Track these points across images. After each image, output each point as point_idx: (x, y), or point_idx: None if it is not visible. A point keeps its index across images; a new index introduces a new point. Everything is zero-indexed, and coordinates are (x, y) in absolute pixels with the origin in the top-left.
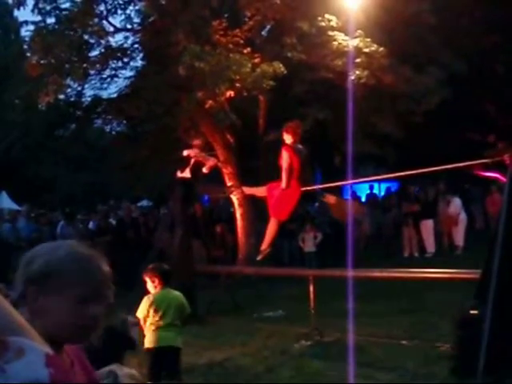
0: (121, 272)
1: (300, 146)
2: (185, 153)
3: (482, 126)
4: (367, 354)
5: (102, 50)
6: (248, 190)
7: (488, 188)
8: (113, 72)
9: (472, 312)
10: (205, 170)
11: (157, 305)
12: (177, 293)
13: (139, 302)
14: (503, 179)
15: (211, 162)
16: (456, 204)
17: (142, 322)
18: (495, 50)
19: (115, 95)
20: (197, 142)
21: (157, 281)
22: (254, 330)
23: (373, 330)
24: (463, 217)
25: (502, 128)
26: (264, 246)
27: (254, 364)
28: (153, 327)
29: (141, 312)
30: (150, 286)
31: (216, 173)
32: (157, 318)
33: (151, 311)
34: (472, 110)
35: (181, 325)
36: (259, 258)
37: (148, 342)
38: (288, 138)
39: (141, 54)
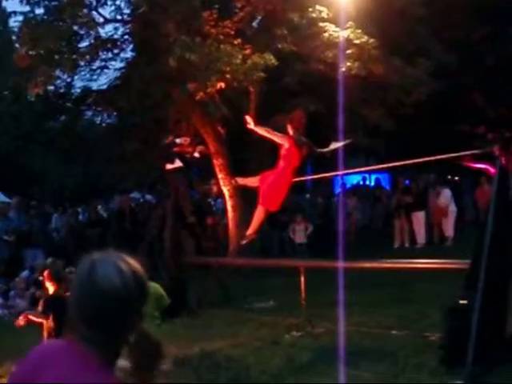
0: None
1: (303, 139)
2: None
3: (471, 117)
4: (357, 345)
5: (92, 41)
6: (241, 181)
7: (478, 180)
8: (103, 63)
9: (461, 302)
10: (196, 154)
11: None
12: (154, 284)
13: None
14: (492, 170)
15: (199, 148)
16: (446, 195)
17: None
18: (485, 42)
19: (105, 87)
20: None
21: None
22: (245, 321)
23: (363, 320)
24: (453, 208)
25: (492, 119)
26: (250, 231)
27: (245, 355)
28: None
29: None
30: None
31: (207, 164)
32: None
33: None
34: (462, 102)
35: (160, 316)
36: (244, 241)
37: None
38: (291, 129)
39: (131, 45)
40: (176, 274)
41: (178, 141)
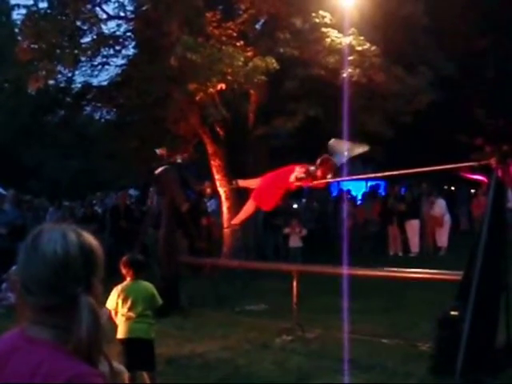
0: (108, 259)
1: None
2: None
3: (470, 128)
4: (347, 351)
5: (94, 37)
6: (242, 182)
7: (474, 191)
8: (104, 59)
9: (452, 313)
10: (178, 159)
11: (124, 296)
12: (146, 283)
13: None
14: (489, 182)
15: (180, 156)
16: (440, 205)
17: (112, 313)
18: (486, 54)
19: (106, 83)
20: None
21: (129, 272)
22: (236, 323)
23: (354, 327)
24: (447, 218)
25: (490, 131)
26: (236, 220)
27: (235, 357)
28: (123, 318)
29: (110, 303)
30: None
31: (204, 165)
32: (125, 309)
33: (119, 302)
34: (461, 112)
35: (153, 316)
36: (225, 227)
37: (119, 332)
38: (319, 172)
39: (133, 43)
40: (169, 273)
41: (157, 151)
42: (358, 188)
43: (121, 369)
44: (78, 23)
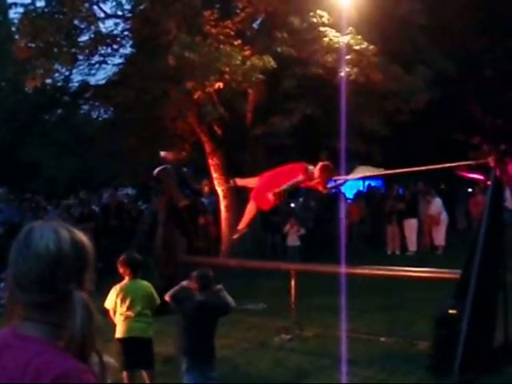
0: (104, 258)
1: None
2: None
3: (467, 127)
4: (346, 350)
5: (92, 36)
6: (240, 181)
7: (471, 189)
8: (101, 58)
9: (451, 311)
10: (184, 169)
11: (123, 295)
12: (144, 283)
13: None
14: (486, 181)
15: (181, 155)
16: (437, 204)
17: (111, 313)
18: (483, 53)
19: (103, 82)
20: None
21: (126, 271)
22: (235, 322)
23: (352, 325)
24: (444, 217)
25: (488, 130)
26: (241, 225)
27: (233, 356)
28: (122, 317)
29: (109, 303)
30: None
31: (202, 164)
32: (124, 309)
33: (118, 301)
34: (458, 111)
35: (151, 315)
36: (235, 236)
37: (118, 332)
38: (317, 176)
39: (130, 42)
40: (167, 272)
41: (162, 154)
42: (354, 187)
43: (111, 363)
44: (76, 22)
